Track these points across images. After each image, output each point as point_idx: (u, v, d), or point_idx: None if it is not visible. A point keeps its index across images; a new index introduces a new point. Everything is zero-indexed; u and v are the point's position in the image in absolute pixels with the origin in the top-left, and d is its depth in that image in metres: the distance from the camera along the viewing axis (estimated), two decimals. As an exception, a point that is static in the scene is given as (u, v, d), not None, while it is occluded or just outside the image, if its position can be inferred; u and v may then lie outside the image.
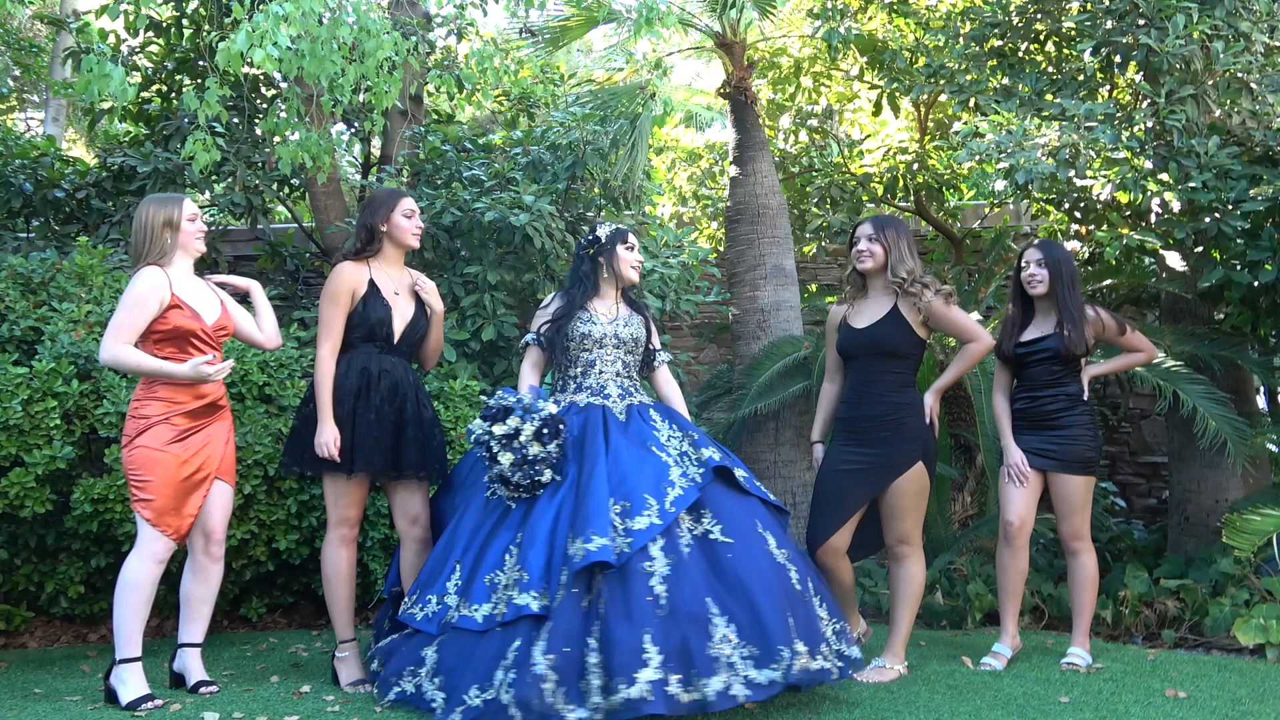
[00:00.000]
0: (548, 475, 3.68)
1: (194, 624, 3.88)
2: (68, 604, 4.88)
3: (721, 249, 7.19)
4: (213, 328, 3.82)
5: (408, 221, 4.08)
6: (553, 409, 3.74)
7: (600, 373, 4.02)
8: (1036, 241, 4.47)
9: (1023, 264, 4.42)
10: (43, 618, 5.06)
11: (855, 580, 4.50)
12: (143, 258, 3.79)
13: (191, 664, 3.88)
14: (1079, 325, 4.29)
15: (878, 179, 7.51)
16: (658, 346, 4.27)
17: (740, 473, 3.85)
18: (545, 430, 3.69)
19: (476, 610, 3.52)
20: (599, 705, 3.24)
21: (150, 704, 3.61)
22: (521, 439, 3.66)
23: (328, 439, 3.86)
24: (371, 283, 4.01)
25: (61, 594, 4.85)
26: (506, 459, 3.66)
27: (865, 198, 7.57)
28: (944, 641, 4.76)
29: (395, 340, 4.02)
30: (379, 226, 4.06)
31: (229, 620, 5.26)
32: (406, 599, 3.76)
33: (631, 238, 4.16)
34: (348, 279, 3.99)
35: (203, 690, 3.81)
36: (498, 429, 3.70)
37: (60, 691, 3.96)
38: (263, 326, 4.09)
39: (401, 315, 4.05)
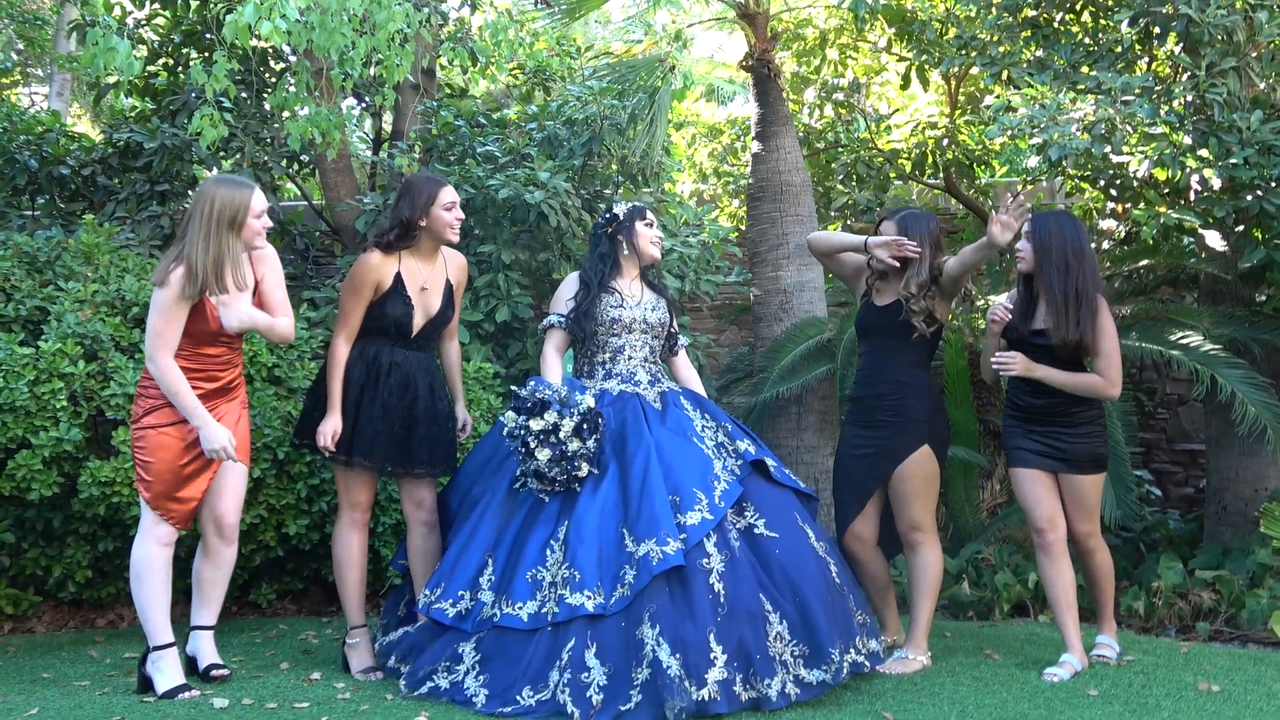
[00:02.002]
0: (585, 469, 3.71)
1: (206, 607, 3.93)
2: (75, 588, 4.96)
3: (743, 227, 7.18)
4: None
5: (448, 214, 4.00)
6: (591, 402, 3.75)
7: (629, 358, 4.05)
8: (1034, 215, 4.22)
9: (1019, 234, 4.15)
10: (50, 602, 5.14)
11: (890, 578, 4.47)
12: (186, 245, 3.65)
13: (204, 646, 3.93)
14: (1067, 316, 3.95)
15: (906, 155, 7.48)
16: (677, 330, 4.30)
17: (771, 463, 3.91)
18: (585, 425, 3.70)
19: (520, 609, 3.56)
20: (685, 707, 3.31)
21: (187, 694, 3.66)
22: (560, 434, 3.67)
23: (327, 429, 3.91)
24: (398, 277, 3.97)
25: (69, 578, 4.93)
26: (544, 455, 3.67)
27: (893, 174, 7.54)
28: (970, 633, 4.77)
29: (412, 335, 4.04)
30: (417, 220, 3.98)
31: (238, 606, 5.33)
32: (428, 591, 3.79)
33: (650, 214, 4.17)
34: (372, 272, 3.95)
35: (214, 674, 3.87)
36: (535, 424, 3.69)
37: (69, 676, 4.03)
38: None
39: (424, 311, 4.04)
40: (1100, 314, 4.00)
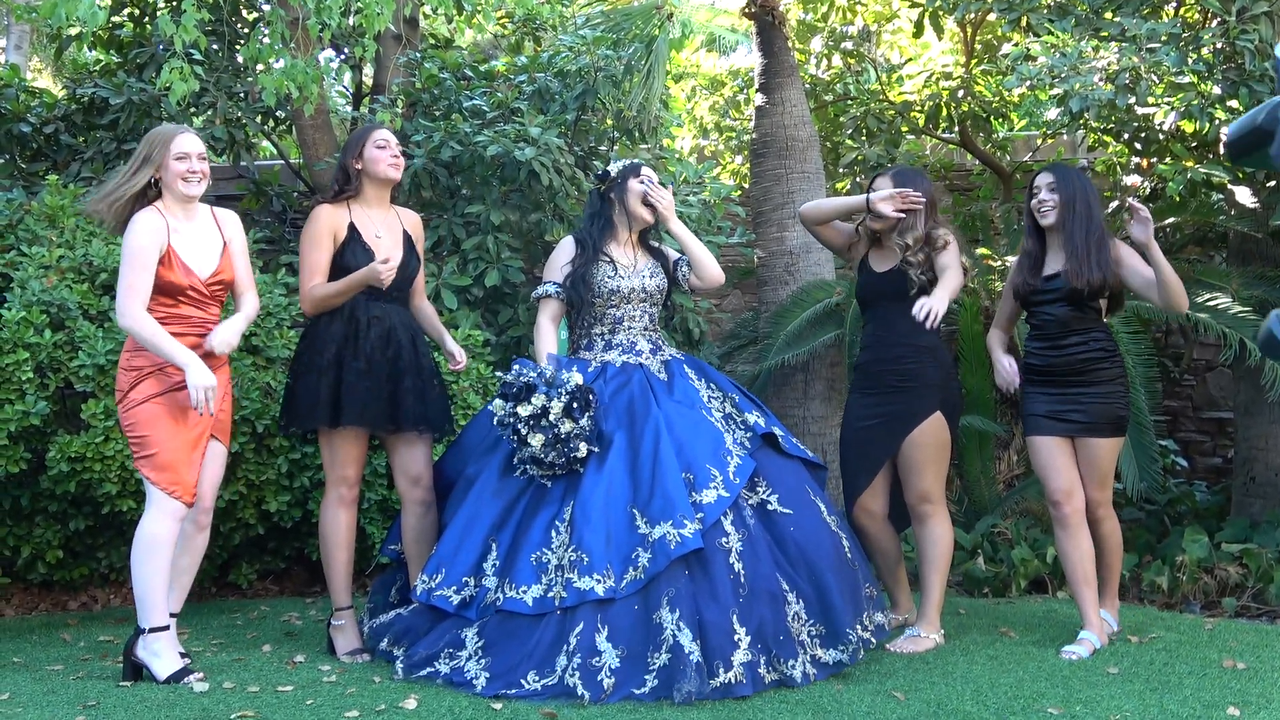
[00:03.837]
0: (583, 450, 3.73)
1: (174, 593, 3.93)
2: (45, 569, 5.00)
3: (746, 185, 7.18)
4: (207, 280, 3.83)
5: (381, 151, 4.11)
6: (579, 379, 3.76)
7: (629, 329, 4.07)
8: (1050, 164, 4.42)
9: (1034, 189, 4.28)
10: (19, 584, 5.18)
11: (901, 553, 4.54)
12: (114, 190, 3.82)
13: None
14: (1088, 259, 4.10)
15: (919, 108, 7.47)
16: (676, 257, 4.23)
17: (779, 433, 3.96)
18: (575, 404, 3.71)
19: (525, 592, 3.60)
20: (693, 690, 3.36)
21: (192, 677, 3.68)
22: (551, 417, 3.69)
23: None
24: (352, 227, 4.07)
25: (39, 559, 4.97)
26: (537, 440, 3.69)
27: (905, 128, 7.53)
28: (985, 611, 4.82)
29: (385, 286, 4.07)
30: (353, 164, 4.13)
31: (217, 587, 5.38)
32: (426, 577, 3.82)
33: (647, 171, 4.16)
34: (326, 221, 4.06)
35: None
36: (523, 409, 3.72)
37: (41, 661, 4.08)
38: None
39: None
40: (1117, 251, 4.18)
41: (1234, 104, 5.27)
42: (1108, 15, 5.72)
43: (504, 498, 3.85)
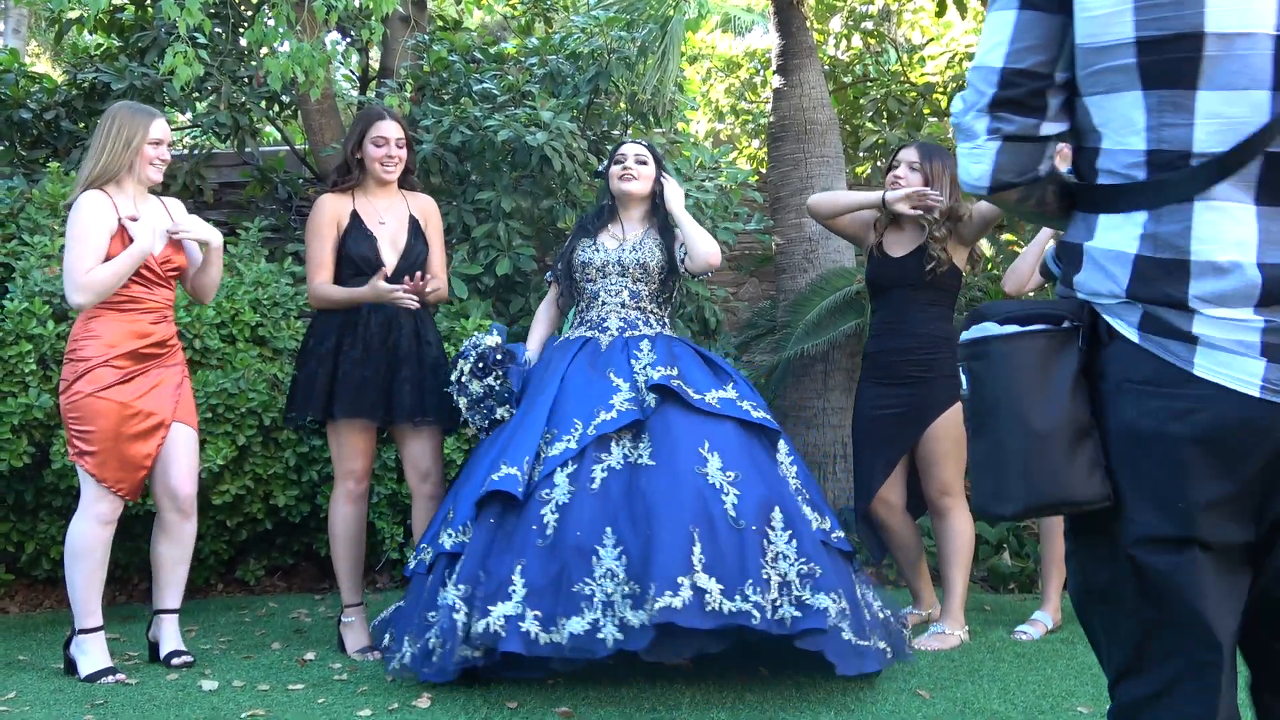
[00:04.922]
0: (500, 412, 3.90)
1: (169, 589, 3.97)
2: (50, 566, 5.03)
3: (763, 170, 7.17)
4: (159, 260, 3.85)
5: (377, 150, 4.13)
6: (491, 342, 3.96)
7: (603, 304, 4.03)
8: None
9: None
10: (23, 581, 5.22)
11: (922, 546, 4.53)
12: (90, 172, 3.80)
13: (166, 631, 3.98)
14: None
15: (941, 89, 7.46)
16: (679, 242, 4.06)
17: (721, 394, 3.68)
18: (480, 365, 3.91)
19: (424, 553, 3.75)
20: (462, 642, 3.36)
21: (111, 678, 3.73)
22: (462, 378, 3.92)
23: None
24: (354, 214, 4.12)
25: (43, 555, 4.99)
26: (462, 402, 3.93)
27: (927, 110, 7.52)
28: (1011, 607, 4.83)
29: (390, 273, 4.08)
30: (353, 155, 4.17)
31: (224, 584, 5.41)
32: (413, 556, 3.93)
33: (626, 149, 4.12)
34: (329, 211, 4.12)
35: (174, 662, 3.91)
36: (452, 375, 3.99)
37: (47, 659, 4.11)
38: (204, 281, 4.03)
39: (393, 245, 4.13)
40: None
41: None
42: (1137, -8, 5.70)
43: (471, 468, 3.95)
